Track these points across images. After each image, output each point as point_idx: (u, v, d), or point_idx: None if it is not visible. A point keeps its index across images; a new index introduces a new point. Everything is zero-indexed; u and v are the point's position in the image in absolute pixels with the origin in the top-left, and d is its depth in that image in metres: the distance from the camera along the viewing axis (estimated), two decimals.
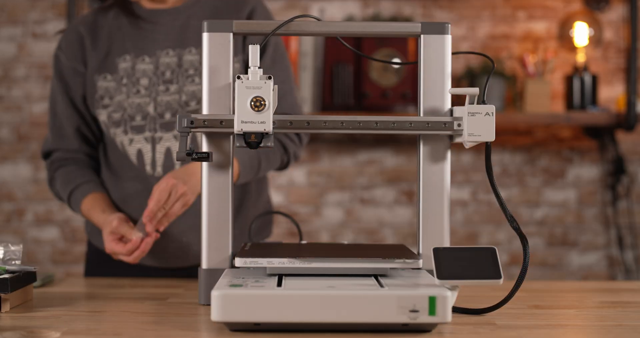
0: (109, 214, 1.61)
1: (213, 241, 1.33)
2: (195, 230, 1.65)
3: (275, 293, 1.08)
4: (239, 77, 1.25)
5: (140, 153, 1.67)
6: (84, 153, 1.76)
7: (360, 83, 2.87)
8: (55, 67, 1.73)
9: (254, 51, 1.26)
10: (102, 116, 1.68)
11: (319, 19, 1.35)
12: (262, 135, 1.26)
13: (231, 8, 1.68)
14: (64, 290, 1.52)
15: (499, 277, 1.13)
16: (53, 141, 1.76)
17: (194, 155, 1.27)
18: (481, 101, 1.30)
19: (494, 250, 1.16)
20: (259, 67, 1.25)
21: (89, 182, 1.72)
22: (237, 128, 1.25)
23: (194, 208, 1.57)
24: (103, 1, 1.77)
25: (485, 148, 1.31)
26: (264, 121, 1.24)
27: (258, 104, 1.24)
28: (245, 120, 1.25)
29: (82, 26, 1.72)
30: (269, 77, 1.25)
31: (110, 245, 1.55)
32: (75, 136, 1.74)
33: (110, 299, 1.41)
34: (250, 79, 1.25)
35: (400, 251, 1.30)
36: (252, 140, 1.26)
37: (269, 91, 1.24)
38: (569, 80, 2.94)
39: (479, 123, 1.28)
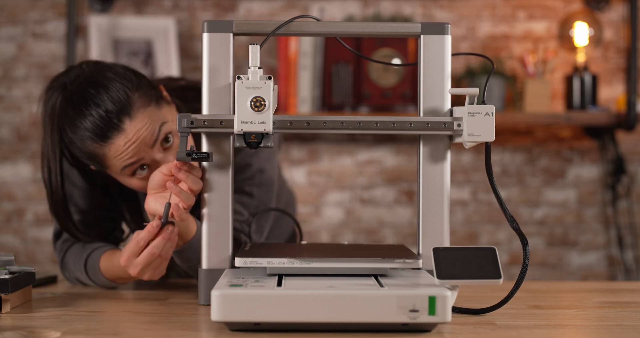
0: None
1: (213, 241, 1.33)
2: None
3: (275, 293, 1.08)
4: (239, 78, 1.25)
5: None
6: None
7: (360, 83, 2.87)
8: None
9: (254, 51, 1.26)
10: None
11: (318, 20, 1.36)
12: (262, 135, 1.27)
13: None
14: (65, 290, 1.52)
15: (499, 277, 1.13)
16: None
17: (194, 155, 1.28)
18: (481, 101, 1.31)
19: (494, 250, 1.16)
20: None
21: (106, 246, 1.56)
22: (237, 128, 1.25)
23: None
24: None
25: (485, 148, 1.31)
26: (264, 121, 1.25)
27: (258, 104, 1.24)
28: (245, 120, 1.25)
29: None
30: (269, 77, 1.25)
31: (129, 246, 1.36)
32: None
33: (110, 299, 1.41)
34: (250, 79, 1.25)
35: (400, 251, 1.30)
36: (252, 140, 1.26)
37: (269, 91, 1.24)
38: (569, 80, 2.94)
39: (478, 123, 1.28)
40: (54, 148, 1.48)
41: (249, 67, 1.25)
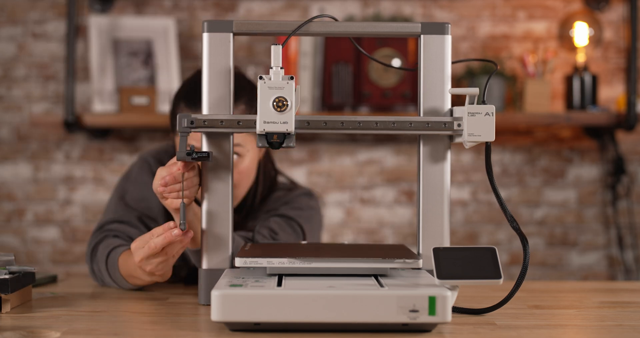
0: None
1: (213, 241, 1.33)
2: None
3: (275, 293, 1.08)
4: (261, 78, 1.25)
5: None
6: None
7: (360, 83, 2.87)
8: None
9: (276, 51, 1.26)
10: None
11: (336, 20, 1.36)
12: (285, 135, 1.26)
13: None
14: (65, 290, 1.52)
15: (499, 277, 1.13)
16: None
17: (194, 155, 1.28)
18: (481, 101, 1.31)
19: (494, 250, 1.16)
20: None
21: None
22: (260, 128, 1.24)
23: None
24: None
25: (485, 148, 1.31)
26: (287, 122, 1.24)
27: (280, 105, 1.24)
28: (268, 120, 1.24)
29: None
30: (291, 78, 1.25)
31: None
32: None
33: (110, 299, 1.41)
34: (272, 79, 1.24)
35: (400, 251, 1.30)
36: (275, 140, 1.26)
37: (291, 91, 1.24)
38: (569, 80, 2.94)
39: (478, 123, 1.28)
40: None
41: (271, 67, 1.25)
